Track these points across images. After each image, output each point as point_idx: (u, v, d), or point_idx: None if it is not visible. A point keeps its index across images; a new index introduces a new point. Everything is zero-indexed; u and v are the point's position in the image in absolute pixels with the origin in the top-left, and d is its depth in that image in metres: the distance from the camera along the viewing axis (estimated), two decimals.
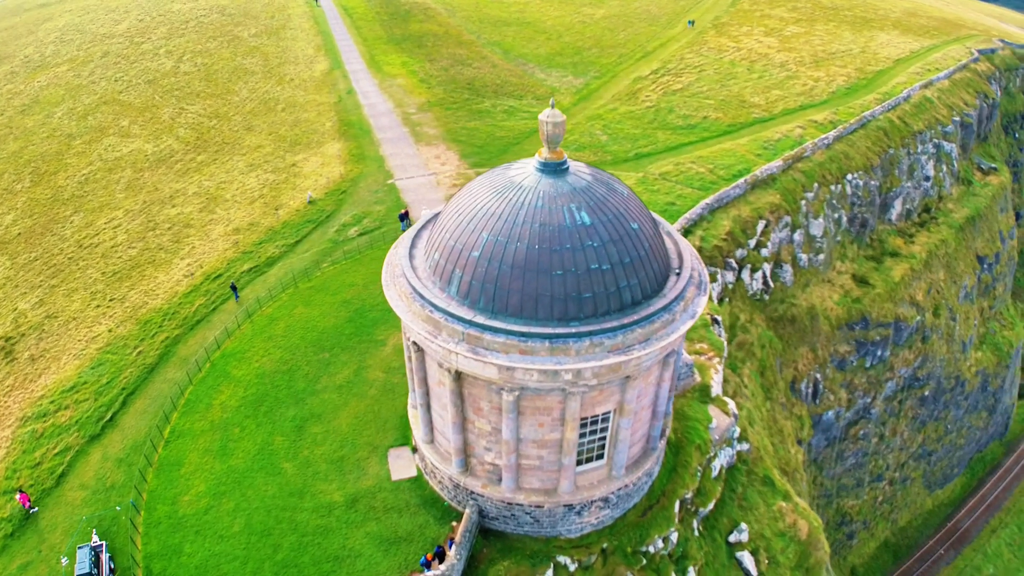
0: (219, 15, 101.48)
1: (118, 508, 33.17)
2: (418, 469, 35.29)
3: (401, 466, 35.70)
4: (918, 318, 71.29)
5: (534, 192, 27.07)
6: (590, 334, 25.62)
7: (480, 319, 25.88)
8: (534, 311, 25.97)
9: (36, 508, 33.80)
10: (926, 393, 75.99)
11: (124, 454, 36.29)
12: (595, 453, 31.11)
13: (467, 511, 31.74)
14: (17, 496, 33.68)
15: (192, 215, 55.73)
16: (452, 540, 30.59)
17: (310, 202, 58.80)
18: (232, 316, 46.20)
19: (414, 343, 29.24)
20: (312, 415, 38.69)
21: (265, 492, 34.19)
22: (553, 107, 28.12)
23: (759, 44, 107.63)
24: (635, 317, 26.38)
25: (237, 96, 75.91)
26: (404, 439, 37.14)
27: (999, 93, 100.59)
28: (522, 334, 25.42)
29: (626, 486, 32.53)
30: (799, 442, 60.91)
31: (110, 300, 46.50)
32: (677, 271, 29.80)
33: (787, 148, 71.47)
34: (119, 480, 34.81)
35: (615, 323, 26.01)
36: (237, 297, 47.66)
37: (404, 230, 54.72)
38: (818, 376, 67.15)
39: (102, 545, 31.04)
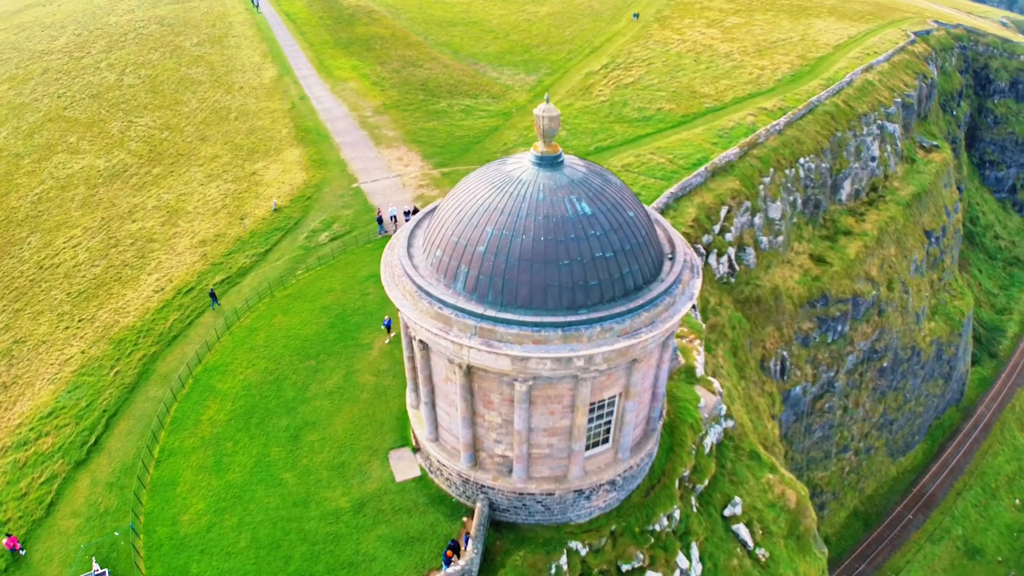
0: (158, 26, 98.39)
1: (116, 534, 32.05)
2: (422, 469, 35.23)
3: (404, 467, 35.57)
4: (874, 293, 74.55)
5: (534, 185, 27.42)
6: (600, 320, 26.13)
7: (492, 312, 26.09)
8: (543, 301, 26.33)
9: (24, 551, 32.09)
10: (885, 364, 79.47)
11: (114, 478, 35.07)
12: (601, 437, 31.68)
13: (478, 505, 31.92)
14: (4, 541, 31.81)
15: (155, 229, 53.99)
16: (467, 535, 30.70)
17: (276, 210, 57.75)
18: (210, 329, 45.09)
19: (420, 341, 29.20)
20: (306, 423, 38.15)
21: (268, 504, 33.58)
22: (548, 102, 28.56)
23: (702, 36, 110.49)
24: (640, 301, 27.02)
25: (187, 106, 73.77)
26: (403, 440, 37.00)
27: (936, 73, 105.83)
28: (535, 324, 25.75)
29: (631, 468, 33.23)
30: (773, 417, 63.00)
31: (79, 321, 44.71)
32: (670, 256, 30.62)
33: (741, 135, 73.65)
34: (112, 505, 33.63)
35: (623, 308, 26.58)
36: (215, 304, 46.71)
37: (381, 233, 54.48)
38: (785, 353, 69.53)
39: (104, 573, 30.01)
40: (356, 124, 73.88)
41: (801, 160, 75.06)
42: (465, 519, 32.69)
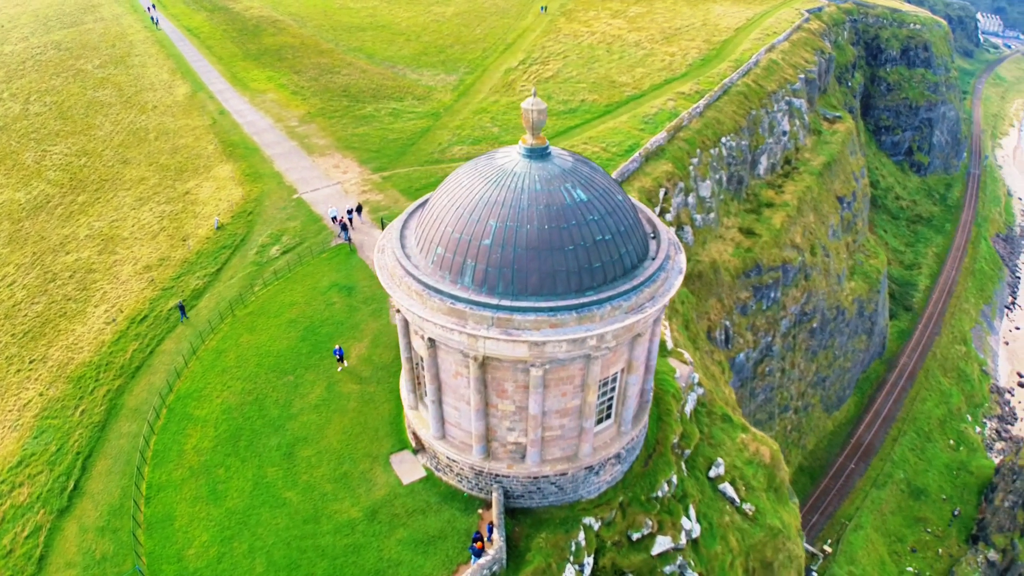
0: (56, 51, 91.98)
1: None
2: (427, 469, 35.28)
3: (408, 469, 35.49)
4: (800, 259, 79.68)
5: (529, 176, 28.16)
6: (609, 299, 27.21)
7: (507, 302, 26.66)
8: (553, 287, 27.15)
9: None
10: (814, 325, 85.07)
11: (104, 521, 33.20)
12: (605, 413, 32.85)
13: (495, 495, 32.39)
14: None
15: (92, 259, 50.85)
16: (490, 525, 31.11)
17: (219, 227, 55.71)
18: (175, 356, 43.18)
19: (430, 339, 29.33)
20: (297, 439, 37.33)
21: (276, 526, 32.74)
22: (535, 95, 29.32)
23: (609, 27, 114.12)
24: (641, 279, 28.30)
25: (101, 130, 69.55)
26: (401, 443, 36.85)
27: (831, 47, 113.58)
28: (551, 309, 26.53)
29: (632, 439, 34.63)
30: (727, 384, 66.37)
31: (30, 362, 41.67)
32: (653, 235, 32.11)
33: (665, 120, 76.86)
34: (109, 550, 31.86)
35: (627, 286, 27.78)
36: (184, 317, 45.55)
37: (347, 240, 53.56)
38: (727, 323, 73.30)
39: None
40: (284, 135, 71.99)
41: (723, 139, 79.16)
42: (480, 511, 33.09)
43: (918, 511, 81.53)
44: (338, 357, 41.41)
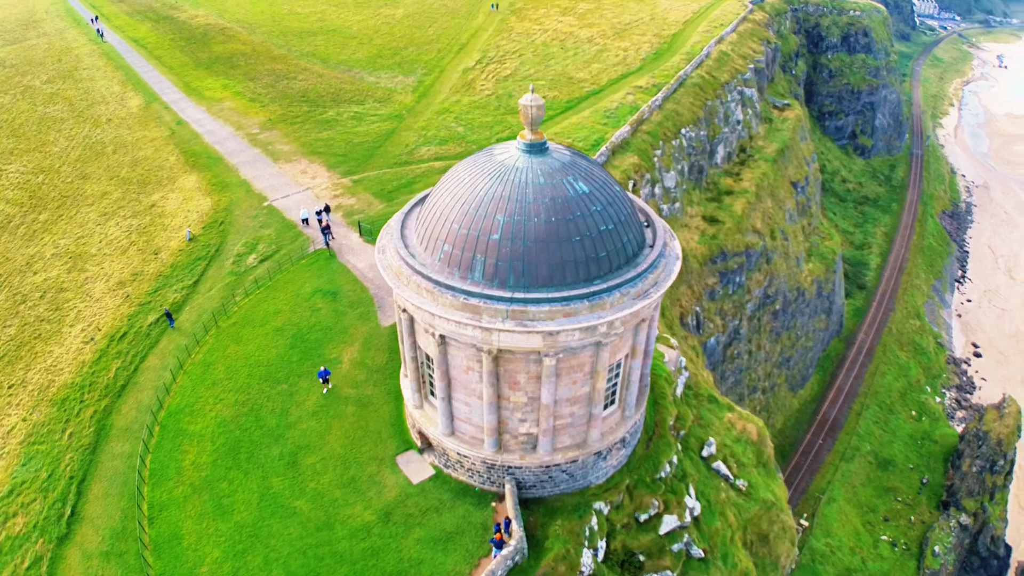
0: (0, 68, 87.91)
1: None
2: (435, 467, 35.40)
3: (415, 469, 35.55)
4: (761, 243, 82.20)
5: (532, 171, 28.63)
6: (618, 287, 27.91)
7: (520, 294, 27.07)
8: (563, 277, 27.69)
9: None
10: (777, 307, 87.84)
11: (107, 545, 32.30)
12: (610, 399, 33.56)
13: (508, 486, 32.78)
14: None
15: (62, 278, 49.08)
16: (507, 519, 31.42)
17: (191, 239, 54.49)
18: (161, 372, 42.16)
19: (441, 336, 29.49)
20: (299, 447, 36.95)
21: (290, 536, 32.40)
22: (533, 91, 29.81)
23: (561, 24, 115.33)
24: (644, 266, 29.09)
25: (56, 146, 66.98)
26: (405, 444, 36.85)
27: (775, 37, 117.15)
28: (564, 299, 27.07)
29: (635, 423, 35.49)
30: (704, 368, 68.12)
31: (9, 387, 40.03)
32: (647, 224, 33.03)
33: (626, 114, 78.28)
34: (116, 575, 31.01)
35: (633, 273, 28.52)
36: (172, 325, 44.85)
37: (327, 244, 53.03)
38: (698, 309, 75.15)
39: None
40: (246, 143, 70.66)
41: (683, 130, 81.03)
42: (494, 504, 33.42)
43: (887, 481, 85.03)
44: (323, 379, 39.73)
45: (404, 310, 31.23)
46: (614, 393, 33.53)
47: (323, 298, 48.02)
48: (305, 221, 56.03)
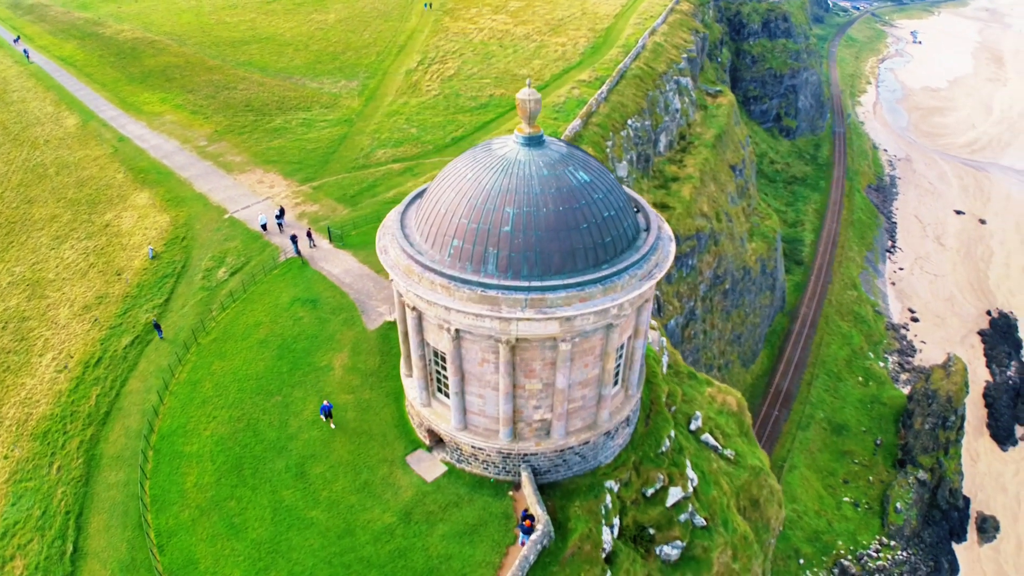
0: None
1: None
2: (446, 463, 35.66)
3: (427, 467, 35.74)
4: (709, 226, 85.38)
5: (534, 163, 29.36)
6: (626, 269, 28.99)
7: (536, 283, 27.77)
8: (574, 264, 28.56)
9: None
10: (727, 287, 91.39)
11: None
12: (614, 379, 34.64)
13: (524, 474, 33.46)
14: None
15: (22, 306, 46.55)
16: (525, 511, 31.92)
17: (154, 257, 52.70)
18: (145, 394, 40.81)
19: (456, 331, 29.84)
20: (305, 457, 36.53)
21: (311, 547, 32.03)
22: (529, 86, 30.51)
23: (495, 22, 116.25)
24: (646, 248, 30.31)
25: None
26: (413, 444, 36.96)
27: (703, 26, 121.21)
28: (579, 284, 27.93)
29: (637, 401, 36.81)
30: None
31: None
32: (637, 210, 34.29)
33: (574, 107, 79.82)
34: None
35: (637, 256, 29.69)
36: (161, 336, 44.54)
37: (297, 253, 52.19)
38: (658, 293, 77.51)
39: None
40: (195, 156, 68.55)
41: (629, 121, 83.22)
42: (511, 493, 34.00)
43: (843, 445, 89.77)
44: (325, 415, 37.78)
45: (414, 308, 31.38)
46: (618, 374, 34.63)
47: (303, 307, 47.37)
48: (264, 227, 55.68)
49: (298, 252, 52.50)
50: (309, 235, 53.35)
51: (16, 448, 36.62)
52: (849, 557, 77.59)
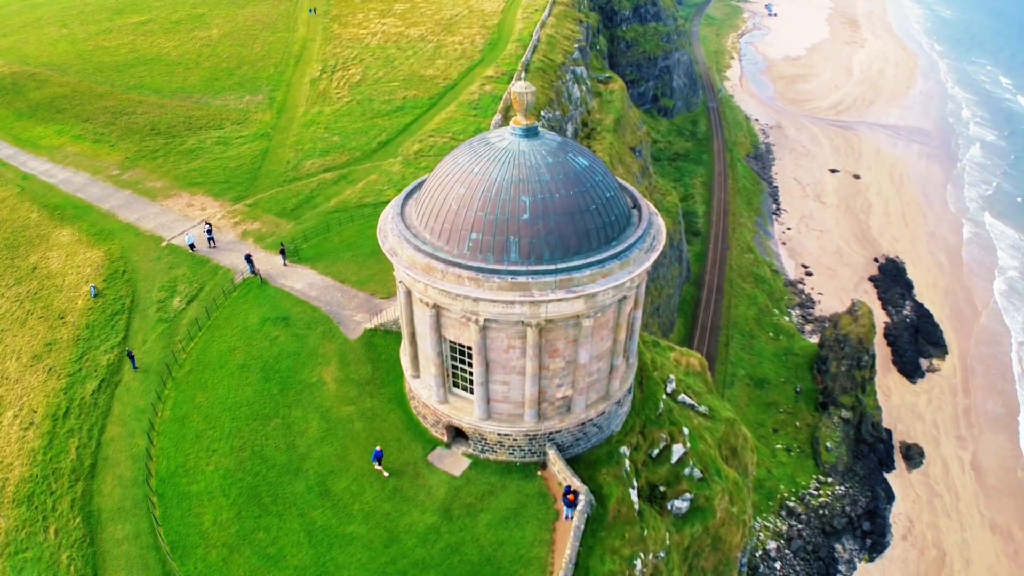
0: None
1: None
2: (469, 456, 36.41)
3: (452, 463, 36.38)
4: None
5: (536, 153, 30.79)
6: (635, 244, 31.05)
7: (562, 264, 29.23)
8: (589, 243, 30.30)
9: None
10: None
11: None
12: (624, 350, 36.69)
13: (551, 452, 34.91)
14: None
15: None
16: (568, 485, 33.30)
17: (96, 295, 49.43)
18: (128, 440, 38.65)
19: (484, 321, 30.69)
20: (324, 475, 36.08)
21: (359, 561, 31.80)
22: (523, 79, 31.69)
23: (385, 25, 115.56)
24: (645, 223, 32.54)
25: None
26: (430, 443, 37.45)
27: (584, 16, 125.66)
28: (599, 261, 29.67)
29: (635, 369, 39.08)
30: None
31: None
32: (622, 189, 36.47)
33: (489, 103, 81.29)
34: None
35: (640, 231, 31.83)
36: (135, 367, 42.91)
37: (253, 272, 50.45)
38: None
39: None
40: (111, 186, 64.29)
41: (542, 112, 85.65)
42: (539, 472, 35.34)
43: (767, 397, 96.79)
44: (377, 461, 35.69)
45: (433, 306, 31.87)
46: (626, 345, 36.69)
47: (275, 325, 46.20)
48: (192, 246, 54.19)
49: (254, 271, 50.91)
50: (249, 259, 51.29)
51: (1, 518, 33.74)
52: (793, 499, 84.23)
